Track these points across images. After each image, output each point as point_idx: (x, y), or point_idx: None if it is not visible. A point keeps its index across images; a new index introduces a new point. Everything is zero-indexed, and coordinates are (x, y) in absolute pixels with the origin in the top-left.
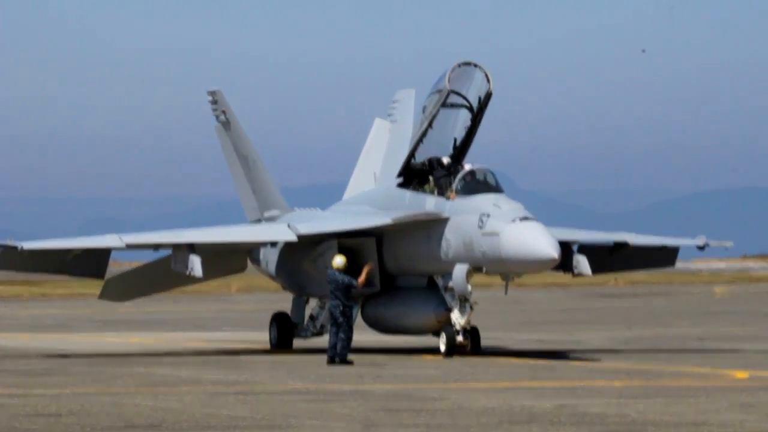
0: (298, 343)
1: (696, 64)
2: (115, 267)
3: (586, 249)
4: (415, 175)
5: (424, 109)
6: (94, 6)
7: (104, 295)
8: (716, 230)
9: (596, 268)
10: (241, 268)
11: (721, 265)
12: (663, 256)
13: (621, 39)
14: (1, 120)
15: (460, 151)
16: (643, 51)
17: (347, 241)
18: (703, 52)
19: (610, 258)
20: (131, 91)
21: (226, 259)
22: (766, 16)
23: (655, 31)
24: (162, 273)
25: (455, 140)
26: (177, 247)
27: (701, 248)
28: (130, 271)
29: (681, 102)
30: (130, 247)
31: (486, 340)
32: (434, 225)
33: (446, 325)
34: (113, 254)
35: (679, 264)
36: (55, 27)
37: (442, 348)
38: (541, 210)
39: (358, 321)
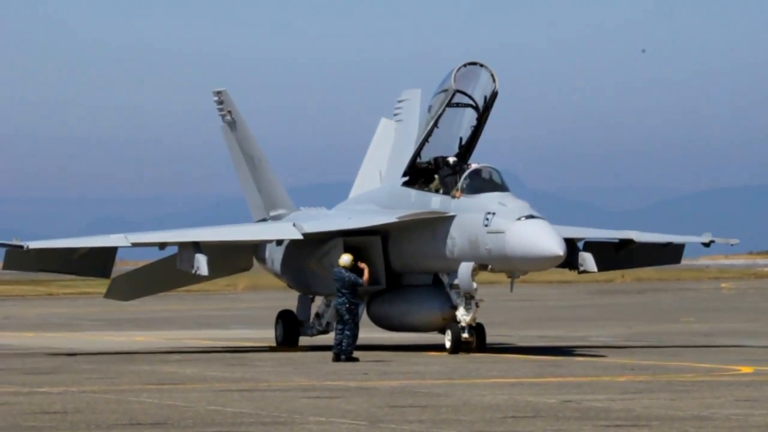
0: (303, 340)
1: (701, 62)
2: (122, 266)
3: (591, 246)
4: (420, 174)
5: (429, 108)
6: (99, 5)
7: (110, 294)
8: (723, 228)
9: (602, 266)
10: (247, 267)
11: (726, 261)
12: (669, 254)
13: (626, 38)
14: (7, 120)
15: (465, 150)
16: (643, 51)
17: (353, 239)
18: (708, 51)
19: (616, 255)
20: (137, 91)
21: (232, 258)
22: None
23: (655, 31)
24: (168, 272)
25: (461, 139)
26: (182, 246)
27: (707, 245)
28: (135, 270)
29: (686, 100)
30: (136, 246)
31: (491, 336)
32: (439, 223)
33: (452, 323)
34: (119, 253)
35: (686, 261)
36: (61, 28)
37: (448, 345)
38: (547, 208)
39: (364, 318)
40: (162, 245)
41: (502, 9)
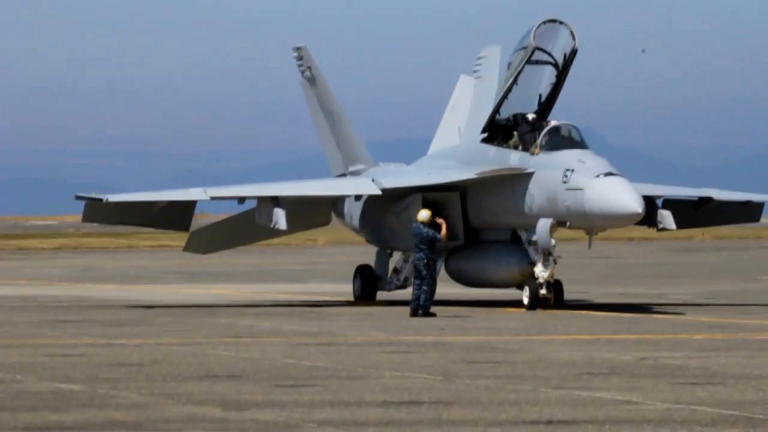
0: (381, 295)
1: None
2: (202, 219)
3: (670, 204)
4: (499, 130)
5: (509, 65)
6: None
7: (188, 247)
8: None
9: (681, 223)
10: (326, 222)
11: None
12: (748, 212)
13: None
14: (93, 75)
15: (545, 107)
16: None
17: (431, 195)
18: None
19: (695, 213)
20: (217, 47)
21: (310, 213)
22: None
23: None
24: (246, 226)
25: (540, 96)
26: (261, 200)
27: None
28: (214, 224)
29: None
30: (215, 199)
31: (569, 293)
32: (518, 180)
33: (530, 279)
34: (199, 207)
35: (766, 219)
36: None
37: (525, 301)
38: (627, 165)
39: (442, 274)
40: (241, 199)
41: None
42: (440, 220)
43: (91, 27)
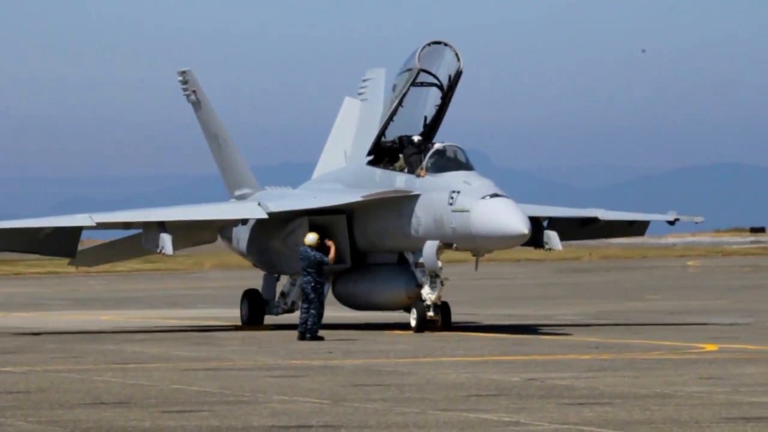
0: (269, 319)
1: (674, 42)
2: (88, 244)
3: (556, 224)
4: (385, 153)
5: (394, 87)
6: None
7: (75, 261)
8: (690, 206)
9: (569, 238)
10: (212, 240)
11: (694, 239)
12: (633, 231)
13: (593, 14)
14: None
15: (430, 129)
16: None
17: (318, 218)
18: (680, 32)
19: (581, 233)
20: (104, 68)
21: (196, 236)
22: None
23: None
24: (132, 248)
25: (425, 118)
26: (147, 226)
27: (671, 223)
28: (101, 246)
29: (654, 79)
30: (101, 225)
31: (457, 315)
32: (404, 202)
33: (417, 301)
34: (85, 233)
35: (652, 239)
36: (37, 3)
37: (413, 323)
38: (515, 186)
39: (330, 297)
40: (127, 225)
41: None
42: (330, 243)
43: None
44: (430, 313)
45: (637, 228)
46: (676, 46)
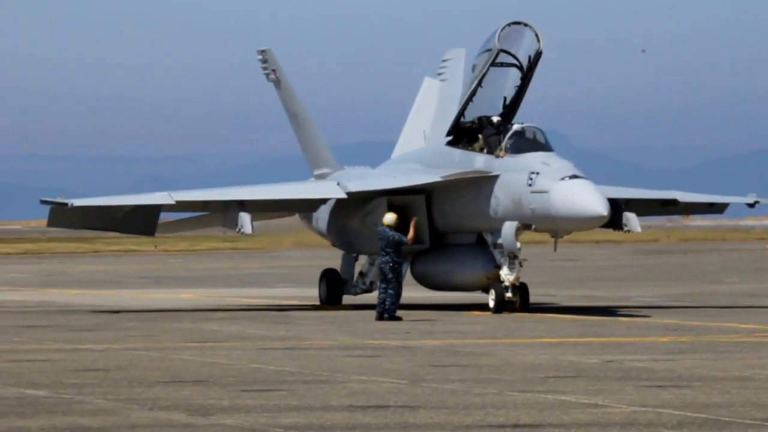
0: (347, 299)
1: (750, 16)
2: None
3: (635, 205)
4: (464, 133)
5: (473, 68)
6: None
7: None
8: None
9: (645, 216)
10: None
11: None
12: (713, 210)
13: None
14: (56, 80)
15: (509, 110)
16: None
17: (397, 198)
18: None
19: (660, 211)
20: (184, 51)
21: (275, 214)
22: None
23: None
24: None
25: (505, 99)
26: (227, 205)
27: (751, 206)
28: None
29: (736, 57)
30: (180, 204)
31: (535, 296)
32: (483, 183)
33: (495, 282)
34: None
35: (731, 221)
36: None
37: (491, 304)
38: (593, 168)
39: (408, 278)
40: (206, 204)
41: None
42: (415, 220)
43: (53, 27)
44: (509, 294)
45: (717, 208)
46: (753, 22)
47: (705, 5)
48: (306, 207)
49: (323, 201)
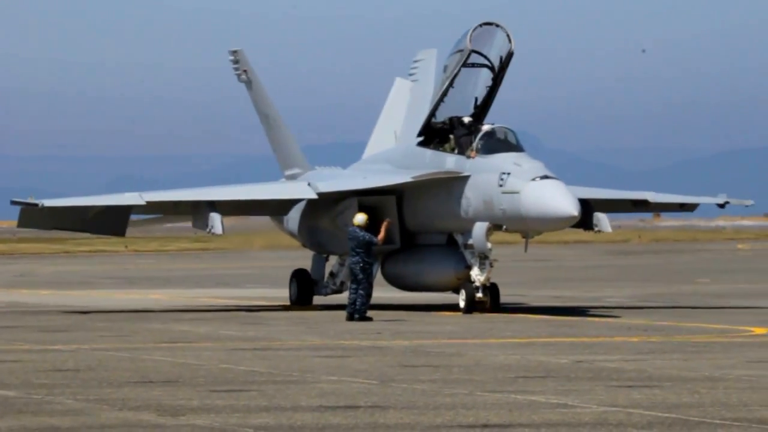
0: (317, 299)
1: (719, 21)
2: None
3: (606, 206)
4: (435, 134)
5: (445, 68)
6: None
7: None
8: (740, 189)
9: (616, 215)
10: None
11: (744, 222)
12: (684, 209)
13: None
14: (26, 78)
15: (481, 111)
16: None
17: (367, 199)
18: (728, 15)
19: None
20: (155, 50)
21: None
22: None
23: None
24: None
25: (476, 99)
26: (197, 205)
27: (721, 206)
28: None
29: (704, 60)
30: (151, 204)
31: (505, 297)
32: (454, 183)
33: (466, 282)
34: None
35: (702, 221)
36: None
37: (462, 305)
38: (565, 168)
39: (378, 278)
40: (177, 204)
41: None
42: (387, 222)
43: (25, 26)
44: (479, 295)
45: (687, 208)
46: (725, 27)
47: (674, 10)
48: (277, 209)
49: (294, 203)
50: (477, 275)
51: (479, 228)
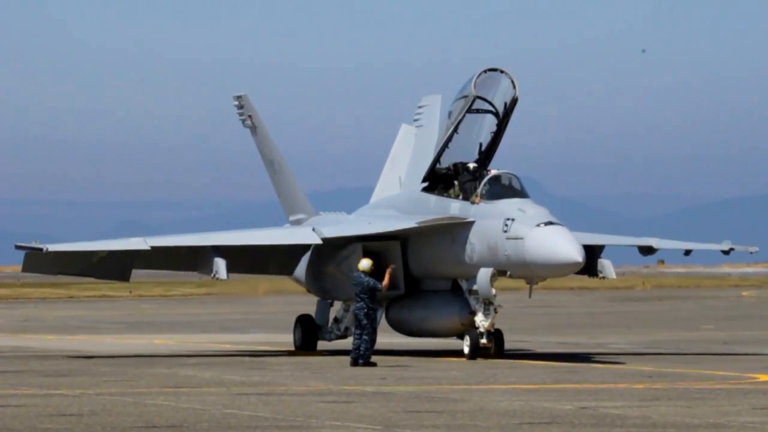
0: (322, 345)
1: (724, 70)
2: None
3: (612, 252)
4: (440, 179)
5: (449, 114)
6: (123, 12)
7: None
8: (746, 236)
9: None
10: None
11: (749, 269)
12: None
13: (653, 41)
14: (32, 124)
15: (485, 156)
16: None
17: (372, 244)
18: (732, 59)
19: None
20: (160, 97)
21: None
22: None
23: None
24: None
25: (481, 145)
26: (202, 250)
27: (726, 253)
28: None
29: (709, 109)
30: (156, 249)
31: (510, 343)
32: (459, 229)
33: (470, 328)
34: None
35: (707, 269)
36: (83, 35)
37: (466, 350)
38: (569, 215)
39: (383, 324)
40: (182, 249)
41: (522, 13)
42: (392, 267)
43: (29, 73)
44: (483, 341)
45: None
46: (730, 76)
47: (678, 59)
48: (283, 264)
49: (299, 249)
50: (481, 321)
51: (484, 274)
